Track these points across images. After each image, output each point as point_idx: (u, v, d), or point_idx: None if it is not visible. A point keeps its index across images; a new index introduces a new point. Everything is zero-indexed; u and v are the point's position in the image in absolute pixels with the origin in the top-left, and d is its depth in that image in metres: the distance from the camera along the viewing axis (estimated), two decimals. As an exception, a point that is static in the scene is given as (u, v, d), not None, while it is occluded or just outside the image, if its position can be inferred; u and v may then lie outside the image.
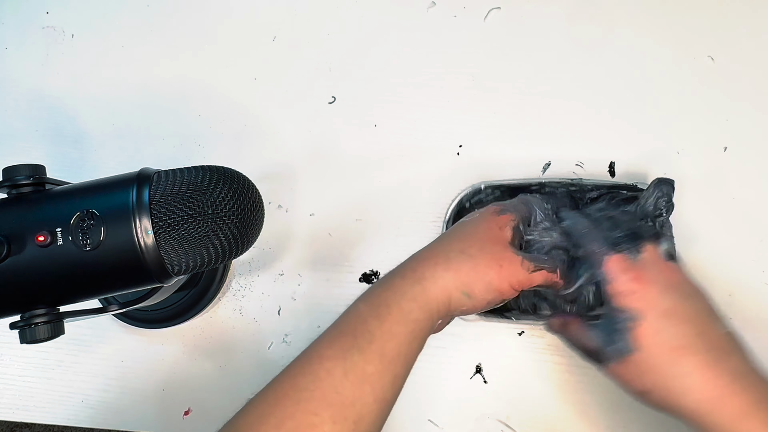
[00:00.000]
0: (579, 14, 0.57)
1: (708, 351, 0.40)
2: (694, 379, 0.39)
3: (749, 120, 0.55)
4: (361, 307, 0.40)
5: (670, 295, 0.41)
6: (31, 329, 0.38)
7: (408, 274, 0.41)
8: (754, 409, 0.38)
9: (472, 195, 0.54)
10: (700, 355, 0.39)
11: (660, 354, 0.40)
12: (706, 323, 0.41)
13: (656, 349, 0.40)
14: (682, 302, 0.41)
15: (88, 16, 0.62)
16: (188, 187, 0.39)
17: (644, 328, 0.40)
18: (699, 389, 0.39)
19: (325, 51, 0.59)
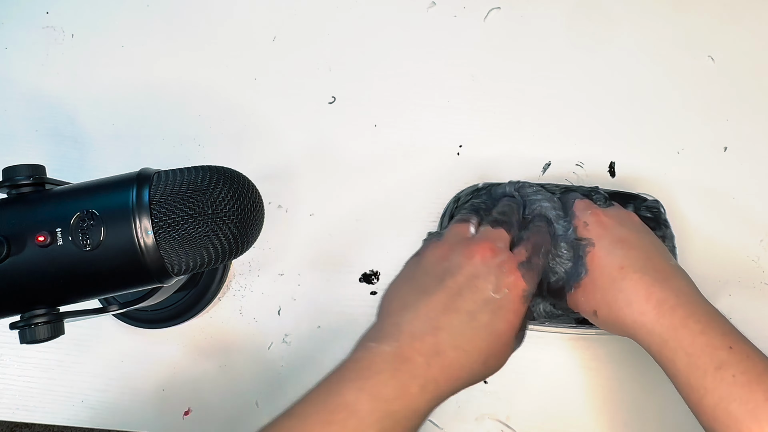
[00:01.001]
0: (579, 14, 0.57)
1: (651, 272, 0.42)
2: (636, 293, 0.41)
3: (749, 120, 0.55)
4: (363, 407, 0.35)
5: (624, 228, 0.45)
6: (31, 329, 0.38)
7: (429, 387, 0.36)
8: (691, 321, 0.40)
9: (470, 194, 0.53)
10: (643, 274, 0.42)
11: (607, 273, 0.43)
12: (654, 252, 0.44)
13: (604, 269, 0.43)
14: (634, 234, 0.45)
15: (88, 16, 0.62)
16: (188, 187, 0.39)
17: (595, 251, 0.44)
18: (640, 302, 0.41)
19: (325, 51, 0.59)
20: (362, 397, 0.35)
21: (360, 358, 0.37)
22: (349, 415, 0.34)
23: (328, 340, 0.55)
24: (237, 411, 0.55)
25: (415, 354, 0.37)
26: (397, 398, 0.35)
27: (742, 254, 0.53)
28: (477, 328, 0.39)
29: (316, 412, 0.35)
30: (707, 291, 0.49)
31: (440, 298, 0.39)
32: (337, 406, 0.35)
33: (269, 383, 0.55)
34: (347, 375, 0.36)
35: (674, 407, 0.52)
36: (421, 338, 0.37)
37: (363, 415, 0.34)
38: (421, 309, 0.39)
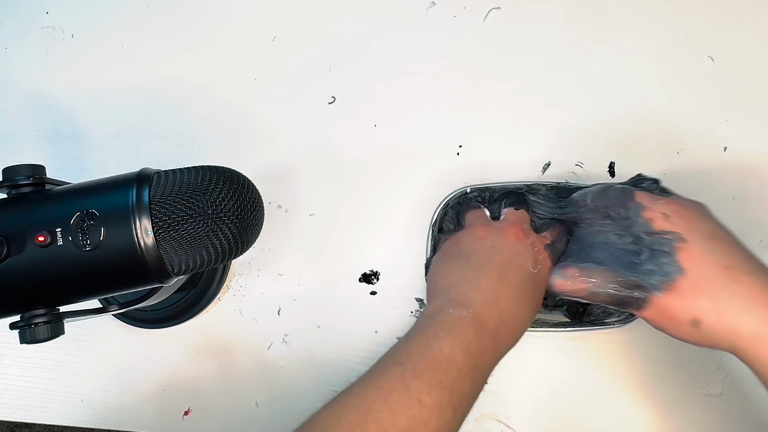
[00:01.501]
0: (579, 14, 0.57)
1: (761, 273, 0.37)
2: (754, 299, 0.35)
3: (749, 120, 0.55)
4: (459, 359, 0.39)
5: (709, 221, 0.40)
6: (31, 329, 0.38)
7: (500, 348, 0.43)
8: None
9: (458, 199, 0.53)
10: (754, 276, 0.36)
11: (712, 273, 0.37)
12: (747, 250, 0.39)
13: (707, 268, 0.37)
14: (721, 228, 0.40)
15: (88, 16, 0.62)
16: (188, 187, 0.39)
17: (690, 247, 0.38)
18: (760, 309, 0.35)
19: (325, 51, 0.59)
20: (456, 351, 0.39)
21: (446, 320, 0.42)
22: (450, 364, 0.39)
23: (328, 340, 0.55)
24: (237, 411, 0.55)
25: (487, 320, 0.42)
26: (480, 354, 0.40)
27: (742, 254, 0.53)
28: (525, 298, 0.44)
29: (421, 361, 0.39)
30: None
31: (494, 273, 0.44)
32: (437, 357, 0.39)
33: (269, 383, 0.55)
34: (439, 333, 0.41)
35: (675, 407, 0.52)
36: (489, 307, 0.43)
37: (460, 365, 0.39)
38: (482, 282, 0.44)
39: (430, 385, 0.38)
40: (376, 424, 0.36)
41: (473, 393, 0.40)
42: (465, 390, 0.39)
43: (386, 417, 0.36)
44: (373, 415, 0.36)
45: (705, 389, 0.52)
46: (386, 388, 0.38)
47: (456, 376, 0.38)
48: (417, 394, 0.37)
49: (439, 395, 0.37)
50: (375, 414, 0.36)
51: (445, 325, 0.41)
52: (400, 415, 0.36)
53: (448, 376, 0.38)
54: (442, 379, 0.38)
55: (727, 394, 0.52)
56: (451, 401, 0.38)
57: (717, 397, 0.52)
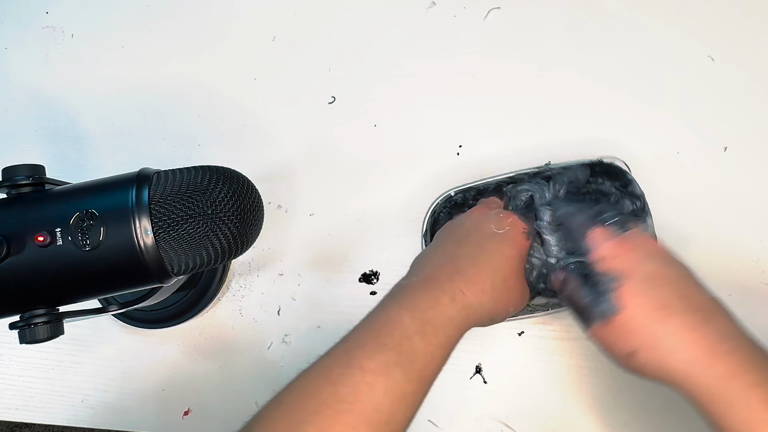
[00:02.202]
0: (578, 14, 0.57)
1: (693, 312, 0.39)
2: (679, 339, 0.38)
3: (749, 120, 0.55)
4: (405, 318, 0.39)
5: (653, 261, 0.42)
6: (31, 329, 0.38)
7: (457, 297, 0.41)
8: (742, 371, 0.37)
9: (444, 204, 0.53)
10: (685, 315, 0.39)
11: (644, 314, 0.40)
12: (689, 287, 0.42)
13: (640, 308, 0.40)
14: (664, 267, 0.42)
15: (88, 16, 0.62)
16: (188, 187, 0.39)
17: (628, 289, 0.41)
18: (685, 349, 0.38)
19: (325, 51, 0.59)
20: (403, 312, 0.39)
21: (395, 291, 0.42)
22: (395, 326, 0.38)
23: (328, 340, 0.55)
24: (237, 411, 0.55)
25: (438, 275, 0.42)
26: (431, 308, 0.39)
27: (742, 254, 0.53)
28: (487, 251, 0.44)
29: (367, 330, 0.39)
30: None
31: (453, 240, 0.45)
32: (383, 322, 0.39)
33: (269, 383, 0.55)
34: (386, 302, 0.41)
35: (675, 407, 0.52)
36: (441, 266, 0.43)
37: (406, 324, 0.38)
38: (438, 251, 0.45)
39: (372, 351, 0.37)
40: (314, 399, 0.36)
41: (428, 348, 0.39)
42: (415, 347, 0.38)
43: (325, 390, 0.36)
44: (312, 392, 0.37)
45: (705, 389, 0.52)
46: (328, 364, 0.38)
47: (402, 335, 0.38)
48: (358, 362, 0.37)
49: (384, 357, 0.37)
50: (314, 390, 0.37)
51: (393, 294, 0.41)
52: (340, 385, 0.36)
53: (392, 337, 0.38)
54: (385, 341, 0.38)
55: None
56: (399, 361, 0.37)
57: (717, 397, 0.52)
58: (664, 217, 0.53)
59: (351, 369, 0.37)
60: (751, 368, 0.37)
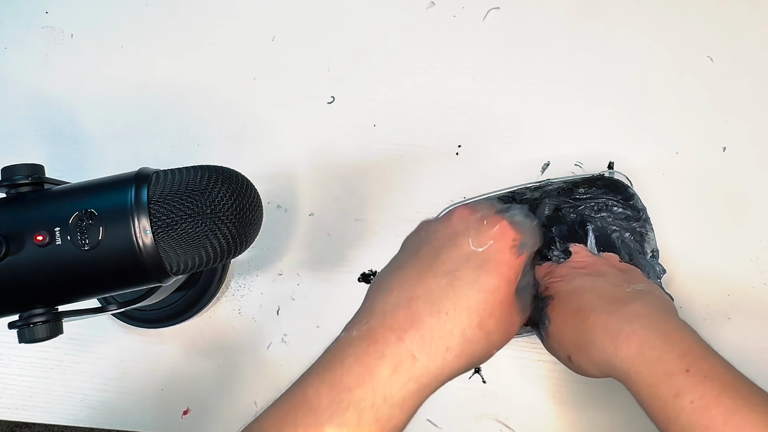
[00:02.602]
0: (578, 14, 0.57)
1: (607, 305, 0.41)
2: (594, 331, 0.40)
3: (749, 120, 0.55)
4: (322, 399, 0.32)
5: (578, 279, 0.44)
6: (30, 329, 0.38)
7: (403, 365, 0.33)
8: (648, 348, 0.37)
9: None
10: (598, 311, 0.40)
11: (567, 320, 0.42)
12: (610, 287, 0.43)
13: (561, 317, 0.43)
14: (589, 280, 0.44)
15: (88, 16, 0.62)
16: (187, 186, 0.39)
17: (554, 304, 0.43)
18: (599, 339, 0.39)
19: (325, 51, 0.59)
20: (322, 390, 0.32)
21: (328, 351, 0.35)
22: (307, 411, 0.32)
23: (328, 340, 0.55)
24: (236, 411, 0.55)
25: (385, 331, 0.33)
26: (360, 385, 0.32)
27: (741, 254, 0.53)
28: (460, 287, 0.34)
29: (277, 411, 0.33)
30: (707, 291, 0.50)
31: (415, 268, 0.36)
32: (295, 403, 0.33)
33: (268, 383, 0.55)
34: (315, 369, 0.34)
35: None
36: (392, 313, 0.34)
37: (321, 409, 0.31)
38: (394, 284, 0.36)
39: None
40: None
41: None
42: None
43: None
44: None
45: (704, 389, 0.52)
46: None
47: (310, 423, 0.31)
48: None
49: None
50: None
51: (325, 357, 0.35)
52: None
53: (297, 427, 0.31)
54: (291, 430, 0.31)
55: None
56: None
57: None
58: (664, 218, 0.53)
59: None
60: (656, 344, 0.37)
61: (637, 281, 0.44)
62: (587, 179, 0.52)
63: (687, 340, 0.38)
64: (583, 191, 0.52)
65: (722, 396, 0.35)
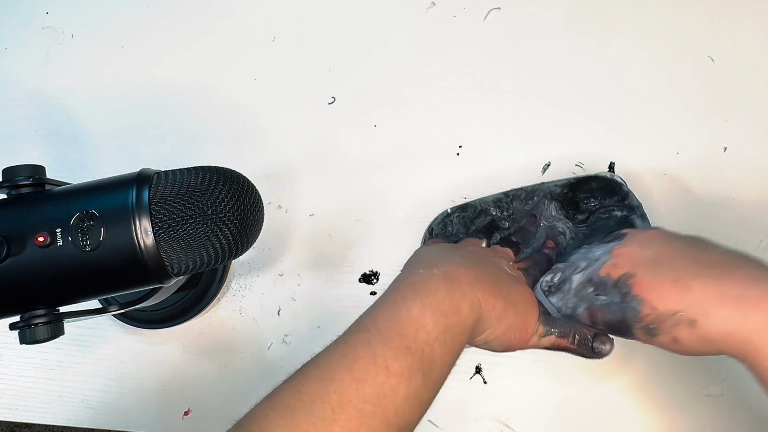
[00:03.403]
0: (579, 15, 0.57)
1: (709, 269, 0.38)
2: (706, 301, 0.36)
3: (749, 120, 0.55)
4: (428, 321, 0.38)
5: (651, 247, 0.42)
6: (31, 330, 0.38)
7: (475, 306, 0.40)
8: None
9: (441, 221, 0.53)
10: (702, 278, 0.37)
11: (664, 294, 0.38)
12: (699, 250, 0.40)
13: (656, 292, 0.39)
14: (665, 245, 0.42)
15: (88, 16, 0.62)
16: (188, 187, 0.39)
17: (639, 280, 0.40)
18: (715, 310, 0.36)
19: (325, 51, 0.59)
20: (426, 312, 0.38)
21: (415, 280, 0.40)
22: (418, 327, 0.37)
23: (328, 340, 0.55)
24: (237, 411, 0.55)
25: (460, 276, 0.40)
26: (453, 314, 0.38)
27: (742, 254, 0.53)
28: (502, 277, 0.44)
29: (388, 326, 0.38)
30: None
31: (469, 256, 0.45)
32: (405, 321, 0.38)
33: (269, 383, 0.55)
34: (408, 294, 0.39)
35: (675, 408, 0.52)
36: (463, 266, 0.41)
37: (429, 328, 0.38)
38: (456, 256, 0.44)
39: (397, 351, 0.36)
40: (339, 395, 0.35)
41: (445, 357, 0.38)
42: (436, 354, 0.37)
43: (350, 386, 0.35)
44: (336, 385, 0.35)
45: (705, 390, 0.52)
46: (351, 356, 0.37)
47: (425, 340, 0.37)
48: (384, 360, 0.36)
49: (408, 361, 0.36)
50: (338, 384, 0.35)
51: (414, 286, 0.40)
52: (365, 384, 0.35)
53: (417, 340, 0.37)
54: (410, 344, 0.37)
55: (727, 395, 0.52)
56: (421, 366, 0.37)
57: (717, 398, 0.52)
58: (664, 218, 0.53)
59: (376, 367, 0.36)
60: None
61: (712, 245, 0.41)
62: (582, 179, 0.51)
63: None
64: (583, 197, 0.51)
65: None
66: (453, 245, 0.49)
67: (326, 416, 0.34)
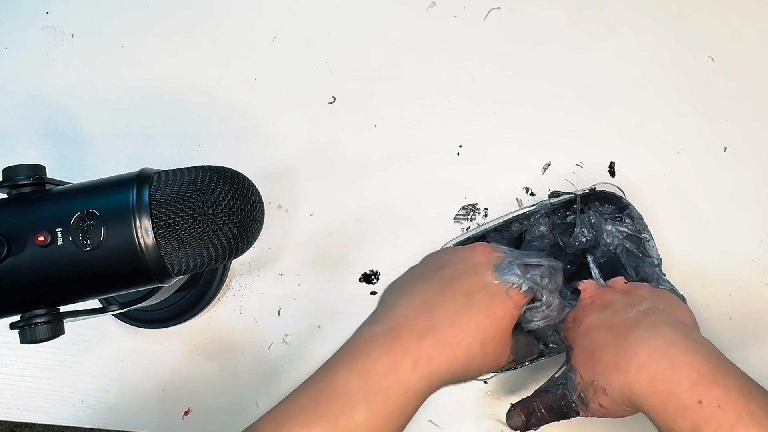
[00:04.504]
0: (579, 14, 0.58)
1: (614, 339, 0.40)
2: (608, 370, 0.39)
3: (749, 120, 0.55)
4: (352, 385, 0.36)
5: (588, 318, 0.43)
6: (32, 329, 0.38)
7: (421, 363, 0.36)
8: (659, 380, 0.37)
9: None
10: (607, 347, 0.40)
11: (585, 366, 0.41)
12: (616, 318, 0.42)
13: (582, 362, 0.41)
14: (597, 316, 0.43)
15: (88, 16, 0.62)
16: (188, 187, 0.39)
17: (574, 354, 0.42)
18: (614, 378, 0.39)
19: (326, 51, 0.59)
20: (351, 377, 0.36)
21: (353, 342, 0.38)
22: (338, 394, 0.35)
23: (329, 340, 0.55)
24: (237, 411, 0.55)
25: (406, 331, 0.37)
26: (386, 375, 0.36)
27: (742, 255, 0.53)
28: (473, 308, 0.39)
29: (307, 394, 0.36)
30: (708, 291, 0.49)
31: (438, 283, 0.40)
32: (326, 387, 0.36)
33: (269, 383, 0.55)
34: (341, 358, 0.37)
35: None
36: (414, 317, 0.38)
37: (352, 393, 0.35)
38: (417, 292, 0.40)
39: (306, 421, 0.34)
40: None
41: (373, 423, 0.35)
42: (357, 421, 0.34)
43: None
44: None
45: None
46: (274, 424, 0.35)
47: (343, 406, 0.35)
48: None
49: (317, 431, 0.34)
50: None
51: (350, 347, 0.38)
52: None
53: (332, 407, 0.35)
54: (324, 411, 0.35)
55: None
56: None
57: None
58: (665, 218, 0.53)
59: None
60: (666, 375, 0.37)
61: (641, 299, 0.43)
62: (581, 195, 0.50)
63: (695, 363, 0.37)
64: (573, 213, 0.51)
65: (737, 427, 0.34)
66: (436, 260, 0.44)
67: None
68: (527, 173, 0.55)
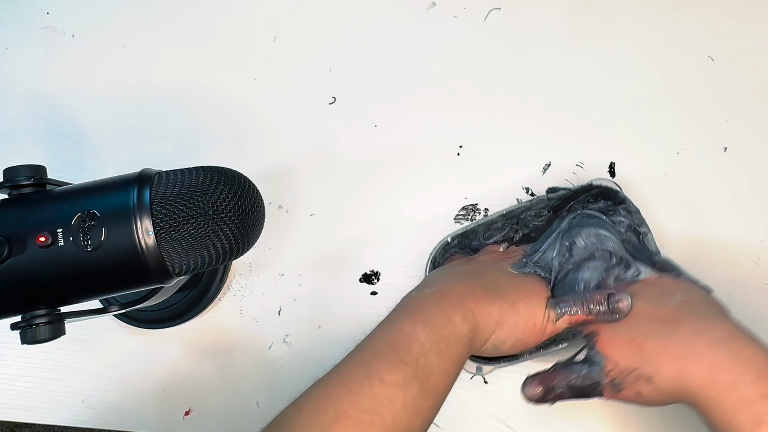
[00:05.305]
0: (579, 15, 0.58)
1: (660, 327, 0.40)
2: (659, 358, 0.39)
3: (749, 120, 0.55)
4: (420, 334, 0.40)
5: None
6: (32, 330, 0.38)
7: (468, 316, 0.42)
8: (719, 372, 0.37)
9: (442, 251, 0.52)
10: (654, 336, 0.40)
11: (623, 352, 0.41)
12: (654, 306, 0.42)
13: (617, 350, 0.41)
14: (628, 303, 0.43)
15: (88, 16, 0.62)
16: (189, 187, 0.39)
17: (602, 338, 0.43)
18: (665, 365, 0.39)
19: (326, 52, 0.59)
20: (418, 327, 0.40)
21: (407, 302, 0.44)
22: (411, 341, 0.40)
23: (329, 340, 0.55)
24: (237, 411, 0.55)
25: (451, 291, 0.43)
26: (445, 325, 0.41)
27: (742, 254, 0.53)
28: (500, 281, 0.45)
29: (382, 344, 0.40)
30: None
31: (468, 270, 0.47)
32: (398, 337, 0.40)
33: (270, 383, 0.55)
34: (400, 314, 0.42)
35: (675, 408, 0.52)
36: (455, 284, 0.44)
37: (422, 340, 0.40)
38: (454, 272, 0.47)
39: (391, 364, 0.38)
40: (335, 407, 0.37)
41: (442, 366, 0.40)
42: (431, 363, 0.39)
43: (346, 399, 0.37)
44: (332, 399, 0.37)
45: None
46: (347, 373, 0.39)
47: (419, 351, 0.39)
48: (378, 373, 0.38)
49: (403, 372, 0.38)
50: (334, 398, 0.37)
51: (406, 307, 0.43)
52: (361, 395, 0.37)
53: (410, 352, 0.39)
54: (404, 356, 0.39)
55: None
56: (416, 376, 0.38)
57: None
58: (665, 218, 0.53)
59: (371, 380, 0.38)
60: (728, 366, 0.37)
61: (672, 290, 0.43)
62: (577, 190, 0.51)
63: (758, 358, 0.37)
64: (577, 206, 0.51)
65: None
66: (459, 261, 0.51)
67: (322, 427, 0.36)
68: (527, 173, 0.56)
